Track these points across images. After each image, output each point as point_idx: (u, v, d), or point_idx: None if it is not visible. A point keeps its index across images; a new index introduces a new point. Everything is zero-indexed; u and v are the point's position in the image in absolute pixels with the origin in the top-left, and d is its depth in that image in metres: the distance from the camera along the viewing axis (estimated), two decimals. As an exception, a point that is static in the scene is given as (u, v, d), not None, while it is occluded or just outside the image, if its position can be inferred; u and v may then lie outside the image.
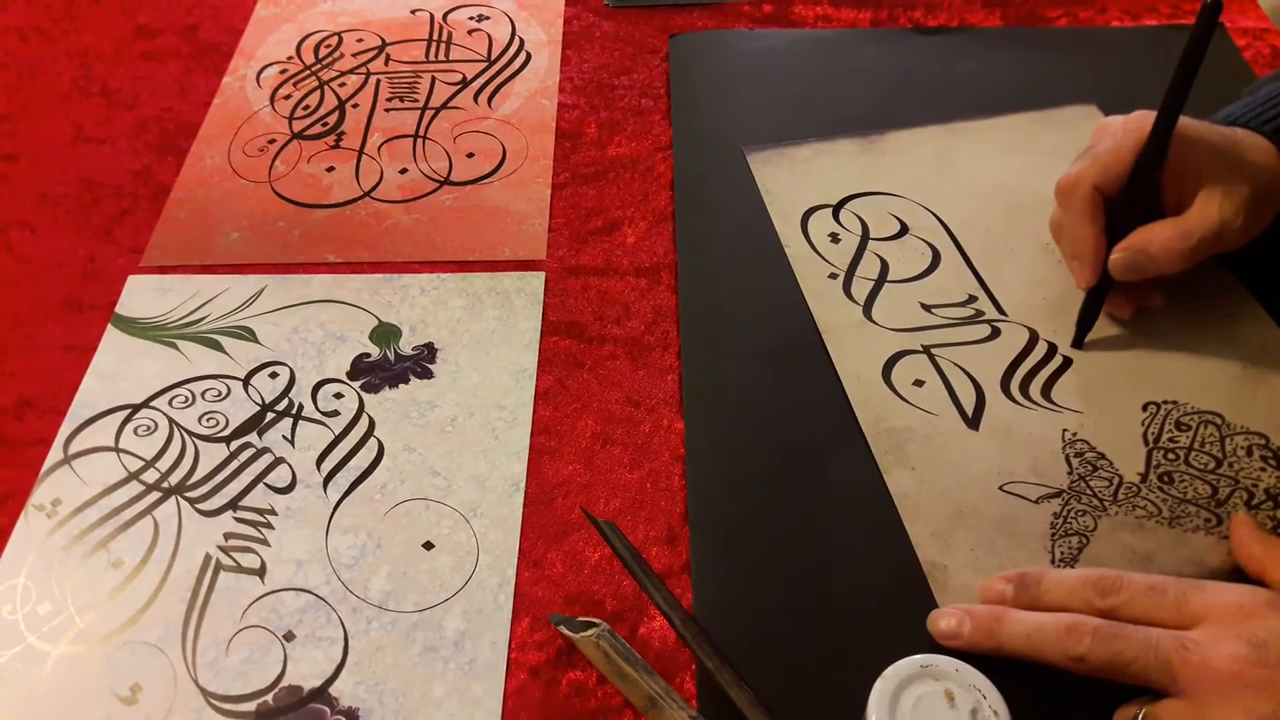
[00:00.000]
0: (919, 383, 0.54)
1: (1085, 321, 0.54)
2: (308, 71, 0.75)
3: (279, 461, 0.52)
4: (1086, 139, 0.55)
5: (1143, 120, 0.52)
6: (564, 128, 0.70)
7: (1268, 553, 0.44)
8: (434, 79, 0.74)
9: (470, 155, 0.68)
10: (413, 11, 0.80)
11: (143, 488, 0.52)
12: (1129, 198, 0.52)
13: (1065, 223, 0.54)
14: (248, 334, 0.58)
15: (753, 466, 0.51)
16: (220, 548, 0.49)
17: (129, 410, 0.55)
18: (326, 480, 0.52)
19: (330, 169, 0.68)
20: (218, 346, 0.57)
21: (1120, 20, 0.75)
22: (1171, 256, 0.51)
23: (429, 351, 0.57)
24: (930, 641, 0.44)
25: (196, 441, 0.53)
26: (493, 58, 0.76)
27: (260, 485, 0.52)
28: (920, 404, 0.53)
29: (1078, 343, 0.55)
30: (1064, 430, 0.51)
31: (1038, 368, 0.54)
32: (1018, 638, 0.42)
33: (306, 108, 0.72)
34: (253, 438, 0.53)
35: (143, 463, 0.52)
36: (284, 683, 0.45)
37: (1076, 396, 0.53)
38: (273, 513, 0.51)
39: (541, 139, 0.69)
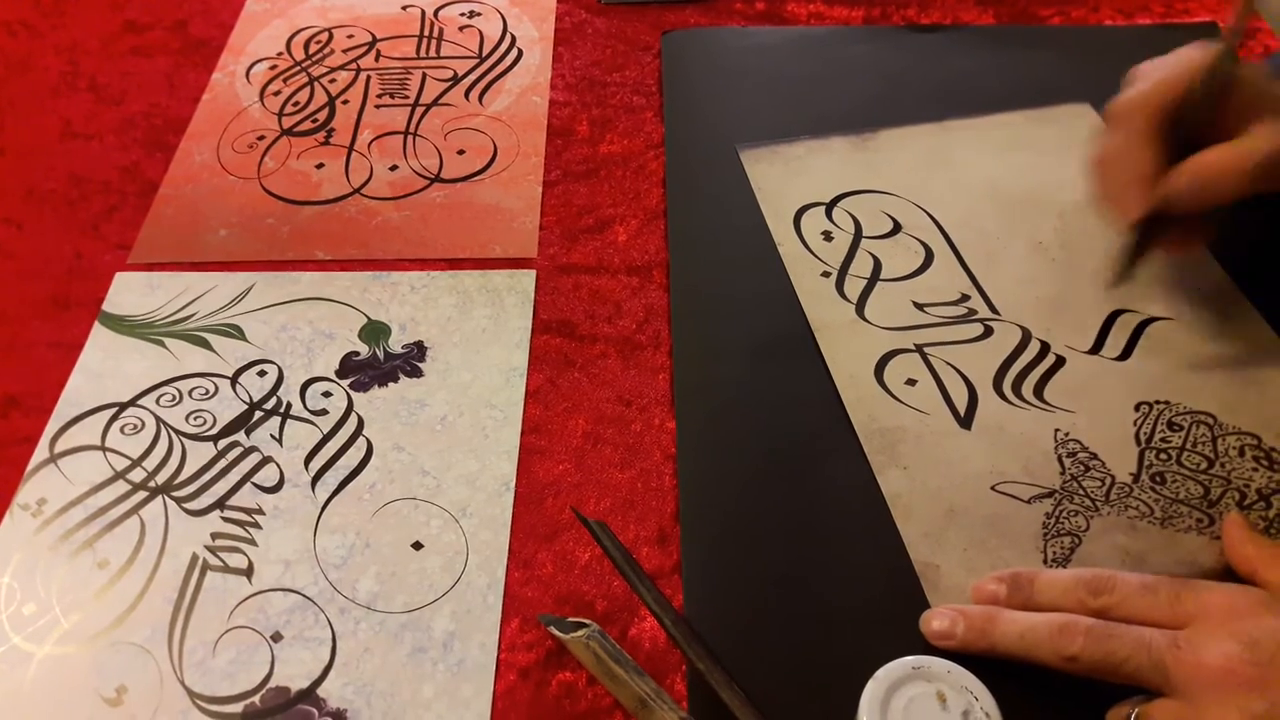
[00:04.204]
0: (911, 382, 0.53)
1: (1129, 261, 0.52)
2: (298, 67, 0.74)
3: (267, 461, 0.52)
4: (1080, 137, 0.55)
5: (1195, 49, 0.50)
6: (555, 125, 0.70)
7: (1260, 553, 0.44)
8: (425, 75, 0.74)
9: (461, 152, 0.68)
10: (404, 7, 0.79)
11: (129, 487, 0.51)
12: (1193, 119, 0.50)
13: (1121, 147, 0.51)
14: (236, 332, 0.58)
15: (744, 466, 0.51)
16: (207, 548, 0.49)
17: (116, 408, 0.54)
18: (315, 479, 0.51)
19: (320, 165, 0.67)
20: (205, 344, 0.57)
21: (1113, 19, 0.75)
22: (1232, 178, 0.48)
23: (419, 350, 0.57)
24: (922, 642, 0.44)
25: (184, 440, 0.53)
26: (484, 54, 0.75)
27: (248, 484, 0.51)
28: (913, 403, 0.52)
29: (1119, 282, 0.52)
30: (1056, 430, 0.51)
31: (1030, 367, 0.54)
32: (1010, 638, 0.42)
33: (296, 104, 0.72)
34: (240, 436, 0.53)
35: (129, 461, 0.52)
36: (271, 684, 0.45)
37: (1069, 396, 0.52)
38: (260, 512, 0.50)
39: (533, 136, 0.69)
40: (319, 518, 0.50)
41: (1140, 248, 0.52)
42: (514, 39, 0.76)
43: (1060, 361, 0.54)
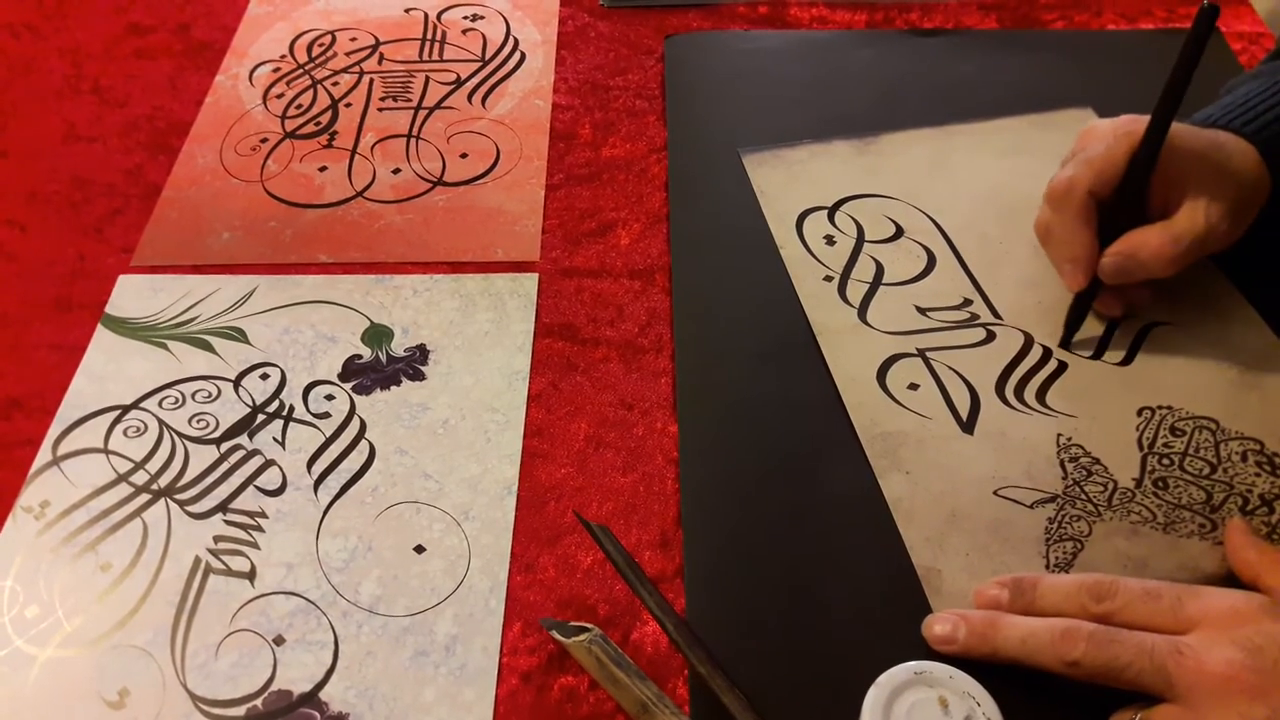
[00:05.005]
0: (914, 386, 0.53)
1: (1073, 322, 0.55)
2: (301, 70, 0.74)
3: (269, 464, 0.52)
4: (1082, 142, 0.56)
5: (1132, 124, 0.52)
6: (558, 128, 0.70)
7: (1262, 558, 0.44)
8: (428, 79, 0.74)
9: (464, 155, 0.68)
10: (407, 10, 0.79)
11: (132, 490, 0.51)
12: (1120, 202, 0.52)
13: (1057, 226, 0.54)
14: (238, 335, 0.58)
15: (746, 470, 0.51)
16: (210, 550, 0.49)
17: (119, 411, 0.54)
18: (317, 483, 0.51)
19: (323, 169, 0.67)
20: (208, 347, 0.57)
21: (1116, 24, 0.75)
22: (1160, 261, 0.51)
23: (421, 353, 0.57)
24: (924, 647, 0.44)
25: (186, 443, 0.53)
26: (487, 58, 0.75)
27: (250, 488, 0.51)
28: (915, 408, 0.52)
29: (1065, 343, 0.55)
30: (1058, 435, 0.51)
31: (1032, 371, 0.54)
32: (1012, 643, 0.42)
33: (299, 107, 0.72)
34: (243, 440, 0.53)
35: (132, 464, 0.52)
36: (274, 687, 0.45)
37: (1071, 401, 0.52)
38: (263, 515, 0.50)
39: (536, 140, 0.69)
40: (321, 521, 0.50)
41: (1081, 311, 0.55)
42: (517, 42, 0.76)
43: (1062, 366, 0.54)
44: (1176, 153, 0.51)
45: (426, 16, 0.79)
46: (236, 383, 0.56)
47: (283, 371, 0.56)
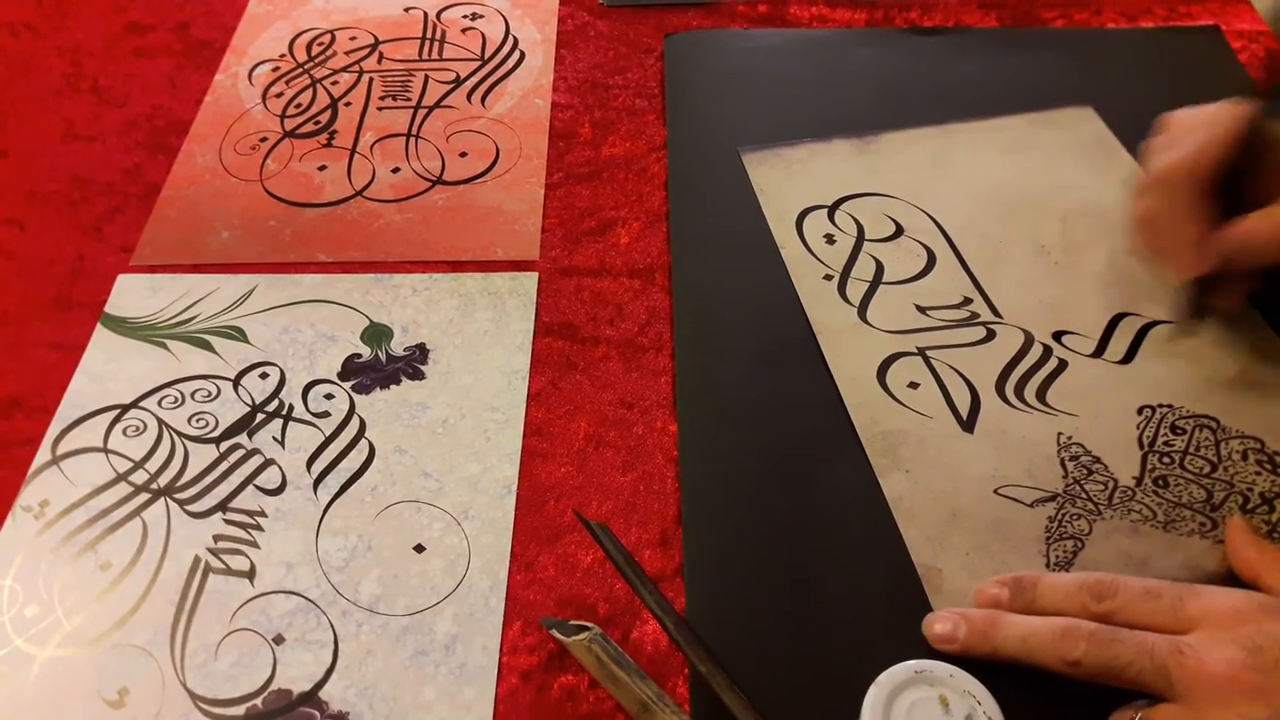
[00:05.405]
0: (914, 385, 0.53)
1: (1199, 308, 0.53)
2: (300, 69, 0.74)
3: (269, 463, 0.52)
4: (1082, 141, 0.55)
5: (1228, 111, 0.52)
6: (558, 127, 0.70)
7: (1262, 557, 0.44)
8: (427, 78, 0.74)
9: (463, 155, 0.68)
10: (406, 10, 0.79)
11: (131, 489, 0.51)
12: (1220, 190, 0.51)
13: (1165, 213, 0.53)
14: (238, 334, 0.58)
15: (746, 469, 0.51)
16: (209, 550, 0.49)
17: (118, 410, 0.54)
18: (317, 482, 0.51)
19: (322, 168, 0.67)
20: (208, 346, 0.57)
21: (1116, 22, 0.75)
22: (1275, 247, 0.50)
23: (421, 352, 0.57)
24: (925, 646, 0.44)
25: (186, 442, 0.53)
26: (486, 57, 0.75)
27: (250, 487, 0.51)
28: (915, 406, 0.52)
29: (1193, 318, 0.54)
30: (1059, 433, 0.51)
31: (1033, 370, 0.54)
32: (1013, 642, 0.42)
33: (299, 106, 0.72)
34: (242, 439, 0.53)
35: (131, 464, 0.52)
36: (273, 686, 0.45)
37: (1071, 399, 0.52)
38: (262, 514, 0.50)
39: (535, 138, 0.69)
40: (321, 520, 0.50)
41: (1202, 297, 0.53)
42: (516, 41, 0.76)
43: (1063, 365, 0.54)
44: (1269, 145, 0.50)
45: (426, 16, 0.79)
46: (236, 382, 0.55)
47: (282, 371, 0.56)
